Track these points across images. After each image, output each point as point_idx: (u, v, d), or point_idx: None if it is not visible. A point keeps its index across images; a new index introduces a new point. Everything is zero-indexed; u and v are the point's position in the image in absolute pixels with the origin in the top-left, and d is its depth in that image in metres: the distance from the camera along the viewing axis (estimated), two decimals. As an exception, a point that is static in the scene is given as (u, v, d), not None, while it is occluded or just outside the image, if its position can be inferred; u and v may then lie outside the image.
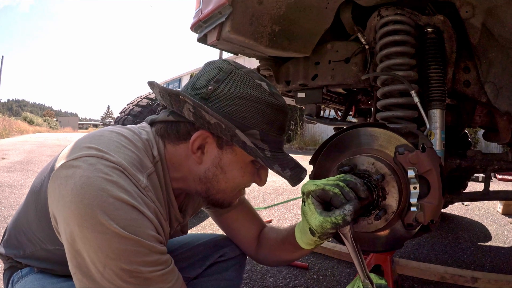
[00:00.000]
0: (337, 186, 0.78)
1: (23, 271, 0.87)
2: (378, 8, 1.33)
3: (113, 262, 0.62)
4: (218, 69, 0.80)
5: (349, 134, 1.00)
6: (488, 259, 2.03)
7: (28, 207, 0.83)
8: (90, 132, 0.83)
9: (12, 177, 4.87)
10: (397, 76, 1.16)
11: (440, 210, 0.85)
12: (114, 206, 0.62)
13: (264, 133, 0.79)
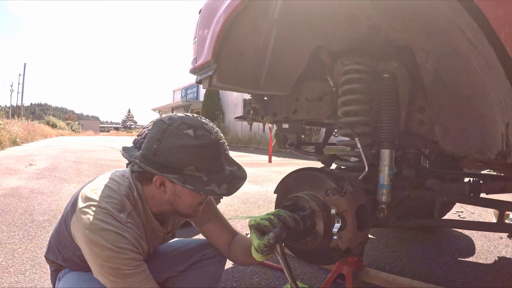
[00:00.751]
0: (268, 219, 1.14)
1: (65, 270, 1.31)
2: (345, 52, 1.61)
3: (105, 263, 1.05)
4: (158, 130, 1.14)
5: (301, 175, 1.30)
6: (461, 275, 2.14)
7: (61, 226, 1.26)
8: (94, 181, 1.26)
9: (42, 184, 5.35)
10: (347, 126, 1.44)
11: (356, 240, 1.13)
12: (104, 233, 1.04)
13: (198, 165, 1.13)
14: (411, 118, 1.48)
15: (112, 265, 1.04)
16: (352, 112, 1.47)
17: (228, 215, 3.61)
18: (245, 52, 1.60)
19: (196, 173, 1.13)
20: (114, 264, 1.05)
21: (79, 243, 1.11)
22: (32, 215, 3.39)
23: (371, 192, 1.45)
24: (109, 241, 1.04)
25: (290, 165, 8.24)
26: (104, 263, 1.04)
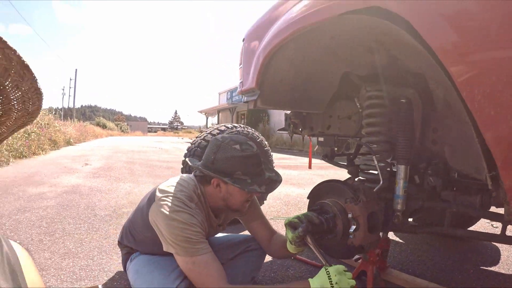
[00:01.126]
0: (297, 218, 1.51)
1: (136, 253, 1.72)
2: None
3: (179, 233, 1.42)
4: (214, 145, 1.59)
5: (327, 186, 1.63)
6: (479, 282, 2.29)
7: (136, 215, 1.72)
8: (167, 181, 1.70)
9: (99, 182, 5.88)
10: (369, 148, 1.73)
11: (367, 240, 1.43)
12: (179, 213, 1.46)
13: (244, 171, 1.53)
14: (426, 137, 1.70)
15: (185, 235, 1.42)
16: (373, 132, 1.74)
17: (270, 215, 3.92)
18: (284, 79, 1.92)
19: (242, 176, 1.52)
20: (186, 234, 1.42)
21: (158, 222, 1.48)
22: (94, 210, 3.85)
23: (389, 201, 1.71)
24: (183, 218, 1.44)
25: (331, 168, 8.41)
26: (178, 233, 1.42)
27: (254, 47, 1.95)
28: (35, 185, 5.45)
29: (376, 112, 1.73)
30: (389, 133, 1.73)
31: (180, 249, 1.43)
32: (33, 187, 5.28)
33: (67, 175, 6.64)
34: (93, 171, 7.30)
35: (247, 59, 2.07)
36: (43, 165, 8.13)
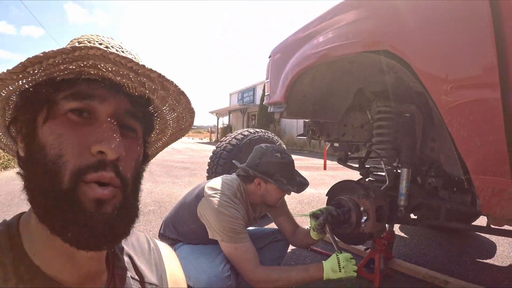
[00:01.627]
0: (319, 211, 1.85)
1: (179, 243, 2.00)
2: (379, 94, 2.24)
3: (226, 225, 1.70)
4: (259, 152, 1.95)
5: (342, 184, 2.00)
6: (474, 272, 2.59)
7: (181, 207, 1.98)
8: (213, 180, 1.98)
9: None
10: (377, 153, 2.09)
11: (375, 228, 1.79)
12: (227, 208, 1.73)
13: (282, 174, 1.87)
14: (425, 145, 2.04)
15: (231, 226, 1.72)
16: (381, 140, 2.11)
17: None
18: (306, 94, 2.29)
19: (280, 178, 1.87)
20: (232, 225, 1.72)
21: (207, 215, 1.77)
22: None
23: (394, 198, 2.07)
24: (230, 212, 1.74)
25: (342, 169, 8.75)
26: (225, 225, 1.71)
27: (281, 65, 2.32)
28: (60, 183, 5.80)
29: (384, 124, 2.08)
30: (395, 141, 2.08)
31: (226, 237, 1.72)
32: (58, 185, 5.63)
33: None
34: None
35: (274, 75, 2.44)
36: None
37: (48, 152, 0.52)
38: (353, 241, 2.00)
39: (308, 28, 2.13)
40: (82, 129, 0.53)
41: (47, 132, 0.53)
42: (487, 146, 1.20)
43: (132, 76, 0.56)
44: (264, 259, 2.16)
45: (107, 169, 0.52)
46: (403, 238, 3.38)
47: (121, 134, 0.55)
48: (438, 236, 3.46)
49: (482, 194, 1.29)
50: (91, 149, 0.52)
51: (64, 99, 0.54)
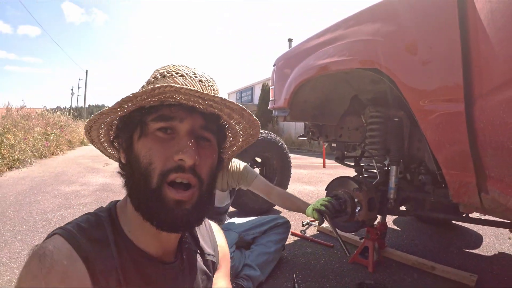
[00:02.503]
0: (322, 202, 2.11)
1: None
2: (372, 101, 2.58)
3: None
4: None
5: (339, 180, 2.34)
6: (460, 260, 2.84)
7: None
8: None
9: None
10: (370, 153, 2.43)
11: (368, 217, 2.12)
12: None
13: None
14: (412, 146, 2.36)
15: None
16: (373, 141, 2.44)
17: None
18: (307, 101, 2.62)
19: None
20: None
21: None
22: (131, 204, 4.55)
23: (385, 192, 2.41)
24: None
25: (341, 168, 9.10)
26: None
27: (285, 73, 2.65)
28: (66, 184, 6.03)
29: (376, 127, 2.41)
30: (385, 142, 2.40)
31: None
32: (65, 186, 5.85)
33: (92, 174, 7.29)
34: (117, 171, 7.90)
35: (278, 83, 2.77)
36: (66, 165, 8.77)
37: (142, 161, 0.73)
38: (349, 229, 2.34)
39: (310, 41, 2.46)
40: (167, 143, 0.74)
41: (141, 146, 0.75)
42: (454, 147, 1.53)
43: (201, 101, 0.75)
44: (269, 240, 2.49)
45: (185, 171, 0.72)
46: (396, 231, 3.71)
47: (198, 144, 0.75)
48: (428, 229, 3.79)
49: (452, 186, 1.63)
50: (174, 157, 0.72)
51: (152, 121, 0.75)
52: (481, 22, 1.31)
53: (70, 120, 17.19)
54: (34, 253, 0.65)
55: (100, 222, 0.76)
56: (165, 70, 0.82)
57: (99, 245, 0.71)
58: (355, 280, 2.38)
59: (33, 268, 0.63)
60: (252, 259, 2.39)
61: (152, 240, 0.79)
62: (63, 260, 0.65)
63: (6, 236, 3.21)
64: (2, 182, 6.02)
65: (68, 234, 0.70)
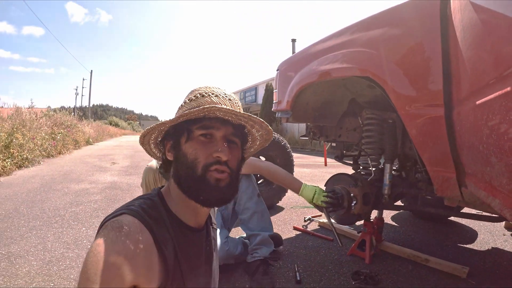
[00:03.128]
0: (323, 198, 2.28)
1: None
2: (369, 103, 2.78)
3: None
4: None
5: (337, 177, 2.55)
6: (454, 254, 3.00)
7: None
8: None
9: (133, 179, 6.67)
10: (366, 153, 2.63)
11: (363, 210, 2.33)
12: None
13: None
14: (405, 145, 2.54)
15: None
16: (369, 141, 2.64)
17: (290, 204, 4.94)
18: (309, 103, 2.83)
19: None
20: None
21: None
22: (140, 202, 4.75)
23: (380, 188, 2.61)
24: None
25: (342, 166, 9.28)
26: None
27: (288, 77, 2.85)
28: (76, 182, 6.26)
29: (372, 128, 2.61)
30: (380, 142, 2.59)
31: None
32: (74, 184, 6.08)
33: (100, 173, 7.52)
34: (123, 169, 8.16)
35: (281, 86, 2.98)
36: (73, 164, 9.01)
37: (189, 157, 0.98)
38: (346, 222, 2.55)
39: (311, 48, 2.66)
40: (207, 145, 0.99)
41: (188, 147, 1.00)
42: (436, 147, 1.73)
43: (234, 116, 1.02)
44: (245, 209, 2.65)
45: (222, 164, 0.98)
46: (393, 226, 3.91)
47: (229, 146, 1.01)
48: (425, 225, 3.97)
49: (436, 181, 1.83)
50: (213, 155, 0.97)
51: (197, 129, 1.00)
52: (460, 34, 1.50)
53: (76, 119, 17.41)
54: (110, 226, 0.83)
55: (154, 204, 0.99)
56: (203, 91, 1.06)
57: (157, 221, 0.93)
58: (353, 271, 2.57)
59: (111, 236, 0.80)
60: (248, 227, 2.65)
61: (191, 215, 1.05)
62: (136, 230, 0.85)
63: (21, 231, 3.40)
64: (13, 181, 6.24)
65: (134, 212, 0.90)
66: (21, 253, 2.83)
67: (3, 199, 4.73)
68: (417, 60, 1.77)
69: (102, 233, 0.82)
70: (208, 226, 1.18)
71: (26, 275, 2.42)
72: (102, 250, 0.76)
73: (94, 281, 0.72)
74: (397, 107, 1.88)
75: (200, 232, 1.10)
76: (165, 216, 0.98)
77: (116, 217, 0.88)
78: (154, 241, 0.88)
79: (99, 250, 0.77)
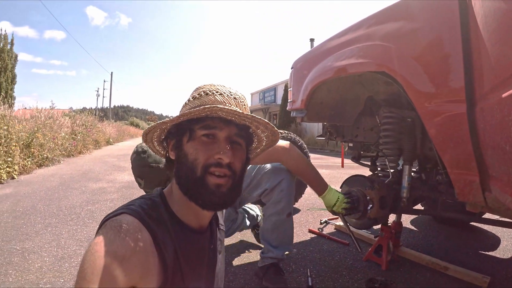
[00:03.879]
0: (343, 205, 2.16)
1: None
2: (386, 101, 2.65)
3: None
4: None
5: (353, 178, 2.43)
6: (474, 262, 2.84)
7: None
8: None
9: None
10: (383, 154, 2.51)
11: (379, 214, 2.21)
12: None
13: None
14: (424, 145, 2.41)
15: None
16: (387, 141, 2.52)
17: (307, 206, 4.83)
18: (323, 102, 2.72)
19: None
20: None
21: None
22: (157, 201, 4.77)
23: (398, 191, 2.48)
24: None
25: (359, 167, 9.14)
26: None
27: (303, 75, 2.75)
28: (94, 181, 6.35)
29: (389, 128, 2.49)
30: (398, 142, 2.47)
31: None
32: (92, 183, 6.17)
33: (118, 172, 7.61)
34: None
35: (296, 84, 2.88)
36: (92, 163, 9.16)
37: (189, 157, 0.97)
38: (362, 226, 2.43)
39: (327, 44, 2.55)
40: (209, 145, 0.98)
41: (189, 147, 0.98)
42: (457, 147, 1.61)
43: (237, 117, 0.99)
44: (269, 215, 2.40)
45: (223, 167, 0.96)
46: (412, 231, 3.76)
47: (232, 147, 0.99)
48: (445, 230, 3.81)
49: (457, 185, 1.70)
50: (214, 156, 0.96)
51: (199, 129, 0.98)
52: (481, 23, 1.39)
53: (96, 120, 17.72)
54: (109, 225, 0.84)
55: (155, 204, 0.98)
56: (207, 89, 1.05)
57: (156, 221, 0.92)
58: (367, 277, 2.46)
59: (110, 235, 0.80)
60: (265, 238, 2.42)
61: (193, 217, 1.04)
62: (135, 230, 0.84)
63: (37, 228, 3.46)
64: (33, 179, 6.36)
65: (134, 212, 0.89)
66: (35, 249, 2.89)
67: (22, 197, 4.86)
68: (435, 52, 1.65)
69: (101, 232, 0.82)
70: (212, 228, 1.18)
71: (38, 270, 2.48)
72: (99, 249, 0.76)
73: (91, 280, 0.72)
74: (415, 104, 1.76)
75: (202, 233, 1.09)
76: (166, 216, 0.97)
77: (115, 216, 0.88)
78: (154, 241, 0.87)
79: (97, 249, 0.77)
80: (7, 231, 3.32)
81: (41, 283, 2.28)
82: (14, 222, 3.64)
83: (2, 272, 2.43)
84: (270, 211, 2.31)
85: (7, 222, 3.61)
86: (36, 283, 2.28)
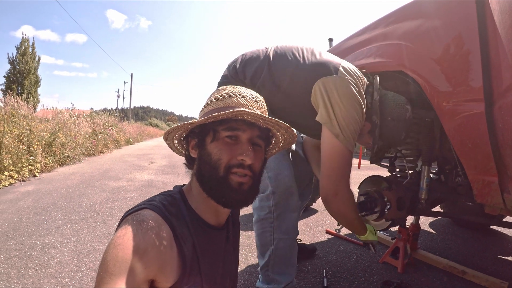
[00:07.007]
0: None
1: None
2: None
3: (351, 123, 1.65)
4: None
5: (371, 179, 2.41)
6: (493, 266, 2.81)
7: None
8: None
9: (170, 178, 6.75)
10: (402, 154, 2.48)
11: (396, 216, 2.18)
12: (359, 109, 1.68)
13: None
14: (444, 146, 2.36)
15: (354, 128, 1.64)
16: (406, 143, 2.49)
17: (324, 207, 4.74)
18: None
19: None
20: (355, 128, 1.64)
21: (334, 97, 1.62)
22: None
23: (416, 192, 2.44)
24: (359, 115, 1.66)
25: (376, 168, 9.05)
26: (350, 122, 1.62)
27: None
28: (114, 180, 6.42)
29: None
30: (417, 143, 2.45)
31: (342, 137, 1.62)
32: (112, 181, 6.24)
33: (138, 171, 7.66)
34: (161, 169, 8.29)
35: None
36: (113, 163, 9.25)
37: (213, 157, 0.99)
38: (378, 227, 2.41)
39: (345, 44, 2.54)
40: (232, 146, 1.00)
41: (213, 147, 1.00)
42: (476, 148, 1.59)
43: (261, 121, 1.02)
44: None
45: (245, 168, 0.98)
46: (430, 233, 3.71)
47: (253, 148, 1.02)
48: (464, 233, 3.74)
49: (475, 186, 1.68)
50: (237, 157, 0.98)
51: (223, 130, 1.00)
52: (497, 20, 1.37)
53: (116, 120, 17.98)
54: (131, 219, 0.87)
55: (174, 200, 1.01)
56: (230, 91, 1.07)
57: (176, 217, 0.95)
58: (383, 280, 2.43)
59: (132, 229, 0.83)
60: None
61: (212, 214, 1.06)
62: (157, 225, 0.87)
63: (57, 224, 3.55)
64: (54, 177, 6.47)
65: (155, 207, 0.92)
66: (55, 244, 2.97)
67: (43, 194, 4.96)
68: (453, 51, 1.63)
69: (123, 226, 0.85)
70: (228, 225, 1.18)
71: (57, 264, 2.54)
72: (122, 242, 0.80)
73: (113, 272, 0.75)
74: (433, 103, 1.74)
75: (220, 230, 1.11)
76: (186, 213, 1.00)
77: (137, 211, 0.91)
78: (174, 236, 0.90)
79: (119, 242, 0.80)
80: (28, 227, 3.41)
81: (59, 277, 2.34)
82: (35, 218, 3.75)
83: (22, 265, 2.50)
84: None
85: (28, 218, 3.73)
86: (55, 277, 2.34)
